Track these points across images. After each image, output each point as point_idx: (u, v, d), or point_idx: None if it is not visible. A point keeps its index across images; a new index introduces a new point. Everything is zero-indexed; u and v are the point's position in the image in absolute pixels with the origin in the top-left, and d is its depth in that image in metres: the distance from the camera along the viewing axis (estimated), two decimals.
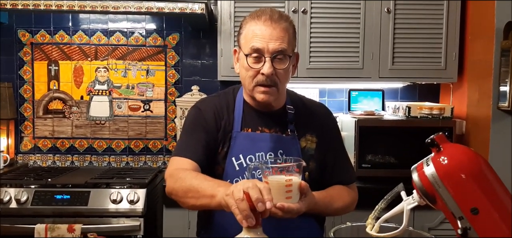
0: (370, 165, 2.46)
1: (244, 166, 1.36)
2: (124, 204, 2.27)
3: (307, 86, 2.85)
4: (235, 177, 1.36)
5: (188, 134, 1.42)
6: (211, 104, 1.45)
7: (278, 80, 1.34)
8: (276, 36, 1.31)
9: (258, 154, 1.37)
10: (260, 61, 1.32)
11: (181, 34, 2.88)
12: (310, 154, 1.42)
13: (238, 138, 1.39)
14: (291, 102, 1.47)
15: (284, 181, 1.16)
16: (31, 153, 2.91)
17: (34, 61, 2.86)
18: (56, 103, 2.89)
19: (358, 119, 2.46)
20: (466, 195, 0.82)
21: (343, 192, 1.44)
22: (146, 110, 2.91)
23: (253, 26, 1.34)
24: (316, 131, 1.45)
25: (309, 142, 1.43)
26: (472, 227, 0.82)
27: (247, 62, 1.33)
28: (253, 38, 1.32)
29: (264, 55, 1.31)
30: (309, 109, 1.49)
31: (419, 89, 2.94)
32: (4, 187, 2.29)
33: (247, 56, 1.33)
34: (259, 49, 1.31)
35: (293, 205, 1.16)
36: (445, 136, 0.89)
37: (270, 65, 1.31)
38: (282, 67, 1.33)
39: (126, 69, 2.89)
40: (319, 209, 1.33)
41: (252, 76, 1.34)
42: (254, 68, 1.33)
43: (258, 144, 1.38)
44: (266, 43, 1.31)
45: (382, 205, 0.99)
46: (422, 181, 0.87)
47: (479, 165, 0.84)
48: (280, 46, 1.31)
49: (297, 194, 1.19)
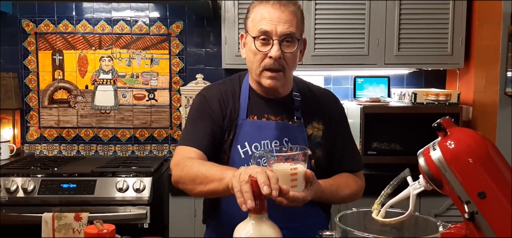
0: (376, 152, 2.45)
1: (250, 154, 1.35)
2: (130, 192, 2.28)
3: (312, 74, 2.83)
4: (240, 164, 1.34)
5: (193, 122, 1.41)
6: (216, 91, 1.43)
7: (286, 65, 1.33)
8: (285, 19, 1.30)
9: (263, 142, 1.36)
10: (268, 45, 1.31)
11: (185, 22, 2.87)
12: (317, 142, 1.41)
13: (243, 125, 1.38)
14: (298, 89, 1.45)
15: (289, 169, 1.15)
16: (37, 143, 2.92)
17: (39, 51, 2.86)
18: (61, 93, 2.90)
19: (363, 106, 2.44)
20: (473, 179, 0.81)
21: (349, 180, 1.43)
22: (150, 99, 2.91)
23: (261, 9, 1.32)
24: (323, 118, 1.44)
25: (315, 130, 1.42)
26: (479, 211, 0.81)
27: (255, 45, 1.32)
28: (261, 21, 1.30)
29: (272, 38, 1.30)
30: (316, 97, 1.47)
31: (425, 76, 2.92)
32: (11, 177, 2.31)
33: (255, 39, 1.32)
34: (267, 32, 1.30)
35: (299, 194, 1.16)
36: (451, 120, 0.88)
37: (278, 48, 1.30)
38: (290, 51, 1.32)
39: (130, 58, 2.88)
40: (326, 197, 1.32)
41: (259, 60, 1.33)
42: (262, 51, 1.31)
43: (264, 131, 1.37)
44: (275, 26, 1.29)
45: (388, 191, 0.98)
46: (428, 165, 0.87)
47: (486, 148, 0.83)
48: (289, 29, 1.30)
49: (303, 183, 1.19)
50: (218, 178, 1.18)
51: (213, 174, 1.20)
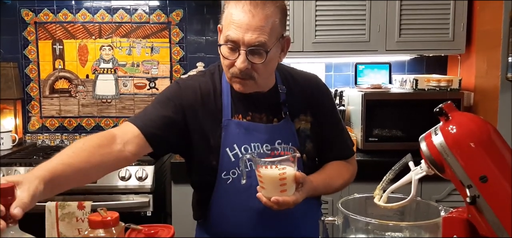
0: (377, 138, 2.46)
1: (239, 156, 1.26)
2: (132, 181, 2.29)
3: (313, 61, 2.82)
4: (231, 168, 1.27)
5: (154, 105, 1.29)
6: (194, 83, 1.32)
7: (255, 73, 1.21)
8: (255, 26, 1.15)
9: (253, 144, 1.28)
10: (235, 53, 1.19)
11: (184, 10, 2.86)
12: (306, 135, 1.34)
13: (229, 126, 1.28)
14: (282, 80, 1.36)
15: (278, 174, 1.11)
16: (39, 132, 2.93)
17: (39, 40, 2.86)
18: (62, 82, 2.90)
19: (365, 93, 2.44)
20: (475, 163, 0.82)
21: (342, 169, 1.39)
22: (151, 88, 2.91)
23: (232, 9, 1.18)
24: (310, 109, 1.35)
25: (303, 123, 1.34)
26: (481, 195, 0.82)
27: (221, 51, 1.21)
28: (230, 26, 1.17)
29: (239, 48, 1.17)
30: (301, 86, 1.37)
31: (426, 62, 2.91)
32: (14, 166, 2.32)
33: (221, 45, 1.21)
34: (234, 41, 1.17)
35: (289, 198, 1.12)
36: (453, 104, 0.88)
37: (244, 59, 1.17)
38: (259, 61, 1.18)
39: (130, 47, 2.88)
40: (319, 192, 1.30)
41: (228, 66, 1.22)
42: (229, 59, 1.20)
43: (254, 134, 1.28)
44: (242, 35, 1.15)
45: (390, 176, 0.98)
46: (430, 150, 0.87)
47: (488, 132, 0.83)
48: (257, 39, 1.15)
49: (293, 186, 1.15)
50: None
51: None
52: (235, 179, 1.27)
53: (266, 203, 1.14)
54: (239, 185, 1.24)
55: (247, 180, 1.21)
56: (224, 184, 1.28)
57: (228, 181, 1.28)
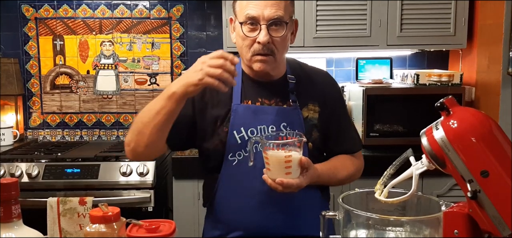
0: (378, 133, 2.46)
1: (246, 139, 1.32)
2: (134, 176, 2.29)
3: (314, 56, 2.82)
4: (237, 150, 1.33)
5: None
6: None
7: (275, 49, 1.30)
8: (272, 3, 1.26)
9: (260, 127, 1.34)
10: (256, 30, 1.28)
11: (185, 5, 2.85)
12: (313, 124, 1.38)
13: (238, 110, 1.35)
14: (291, 71, 1.42)
15: (284, 156, 1.16)
16: (40, 128, 2.93)
17: (39, 36, 2.86)
18: (63, 78, 2.90)
19: (366, 88, 2.43)
20: (476, 158, 0.82)
21: (347, 162, 1.43)
22: (152, 84, 2.91)
23: None
24: (319, 100, 1.40)
25: (311, 112, 1.39)
26: (482, 189, 0.82)
27: (243, 30, 1.29)
28: (248, 6, 1.27)
29: (260, 23, 1.27)
30: (310, 77, 1.43)
31: (427, 57, 2.90)
32: (16, 162, 2.32)
33: (242, 24, 1.29)
34: (254, 17, 1.26)
35: (293, 180, 1.17)
36: (454, 99, 0.88)
37: (266, 33, 1.27)
38: (278, 35, 1.29)
39: (131, 43, 2.87)
40: (323, 180, 1.32)
41: (248, 45, 1.30)
42: (250, 37, 1.28)
43: (260, 116, 1.34)
44: (262, 10, 1.26)
45: (390, 171, 0.98)
46: (431, 145, 0.87)
47: (489, 127, 0.83)
48: (276, 13, 1.26)
49: (298, 169, 1.19)
50: (165, 98, 1.21)
51: (156, 102, 1.23)
52: (240, 160, 1.33)
53: (271, 184, 1.20)
54: (244, 166, 1.29)
55: (253, 161, 1.26)
56: (230, 165, 1.33)
57: (233, 162, 1.33)
